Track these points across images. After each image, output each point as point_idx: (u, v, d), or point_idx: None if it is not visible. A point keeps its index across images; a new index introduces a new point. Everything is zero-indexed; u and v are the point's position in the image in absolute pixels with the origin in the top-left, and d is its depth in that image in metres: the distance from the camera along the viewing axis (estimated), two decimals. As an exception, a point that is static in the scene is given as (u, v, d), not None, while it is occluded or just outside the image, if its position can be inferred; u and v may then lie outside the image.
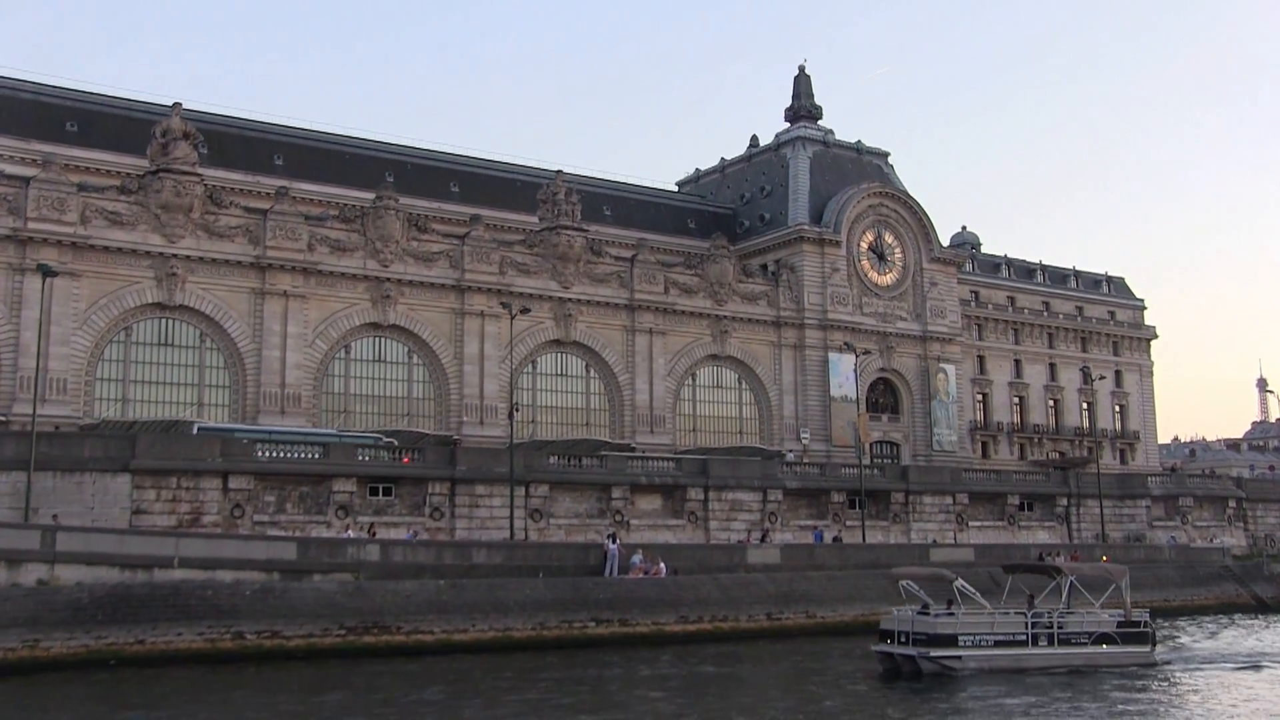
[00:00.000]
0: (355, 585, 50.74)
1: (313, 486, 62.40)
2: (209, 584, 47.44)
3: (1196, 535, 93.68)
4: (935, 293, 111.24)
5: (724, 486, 74.16)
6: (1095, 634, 45.96)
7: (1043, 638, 44.94)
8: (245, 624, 46.23)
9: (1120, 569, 49.40)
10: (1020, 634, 44.74)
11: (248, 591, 47.70)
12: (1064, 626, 45.56)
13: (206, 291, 77.36)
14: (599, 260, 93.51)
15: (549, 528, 68.36)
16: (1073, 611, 47.08)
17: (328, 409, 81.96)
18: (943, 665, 42.93)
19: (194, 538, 50.65)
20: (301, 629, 47.29)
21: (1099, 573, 49.85)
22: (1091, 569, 50.88)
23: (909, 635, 43.82)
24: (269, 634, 46.40)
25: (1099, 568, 51.30)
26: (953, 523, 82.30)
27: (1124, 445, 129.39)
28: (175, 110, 77.92)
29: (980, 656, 43.56)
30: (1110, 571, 49.56)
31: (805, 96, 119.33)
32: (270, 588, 48.61)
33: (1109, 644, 45.99)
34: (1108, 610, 47.77)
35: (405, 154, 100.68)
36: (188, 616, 45.36)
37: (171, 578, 47.16)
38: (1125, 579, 48.03)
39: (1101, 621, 46.60)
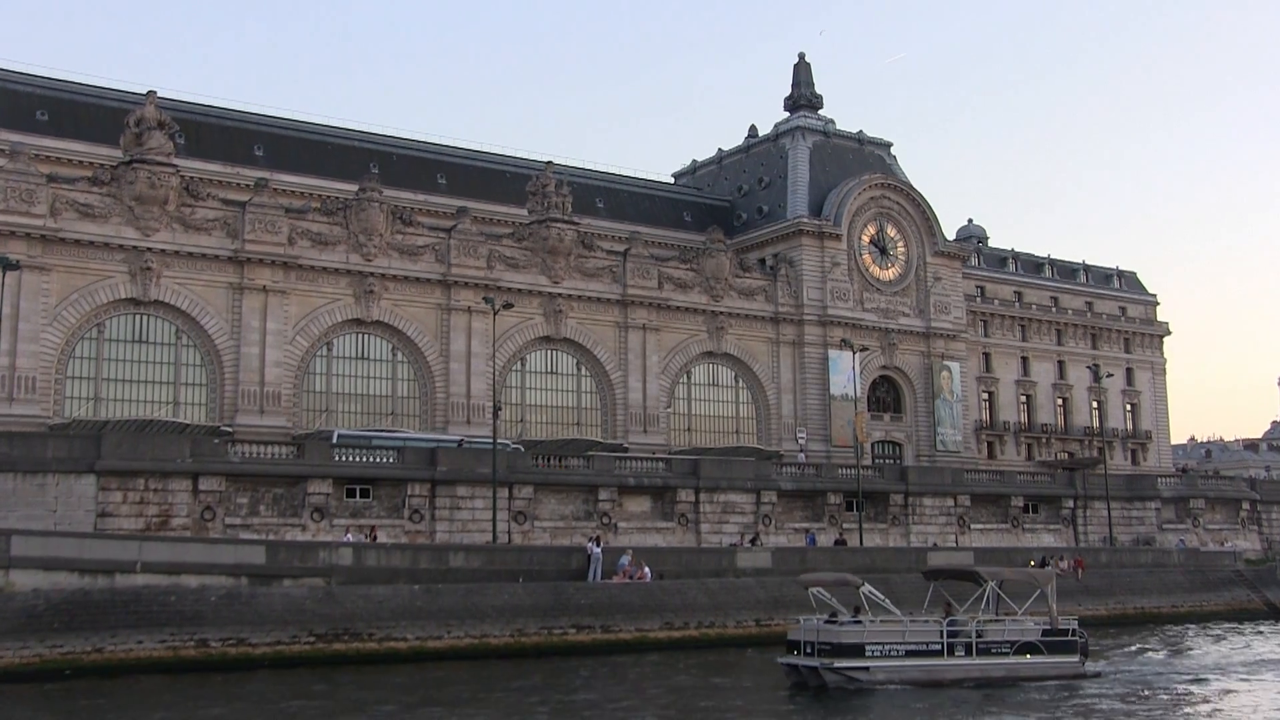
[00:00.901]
0: (326, 590, 50.30)
1: (287, 488, 61.94)
2: (173, 589, 46.97)
3: (1208, 539, 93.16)
4: (939, 288, 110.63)
5: (715, 488, 73.63)
6: (1018, 644, 44.08)
7: (959, 648, 43.12)
8: (210, 631, 45.78)
9: (1046, 574, 48.06)
10: (935, 643, 42.97)
11: (213, 597, 47.26)
12: (983, 635, 43.69)
13: (183, 287, 76.87)
14: (590, 254, 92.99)
15: (533, 531, 67.86)
16: (994, 620, 45.19)
17: (309, 408, 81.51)
18: (848, 677, 41.20)
19: (158, 541, 50.18)
20: (269, 636, 46.86)
21: (1025, 578, 48.23)
22: (1015, 574, 49.20)
23: (814, 645, 42.14)
24: (234, 641, 45.95)
25: (1024, 573, 49.55)
26: (954, 525, 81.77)
27: (1135, 445, 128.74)
28: (150, 99, 77.39)
29: (890, 668, 41.79)
30: (1036, 577, 47.91)
31: (805, 85, 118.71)
32: (237, 593, 48.17)
33: (1033, 654, 44.08)
34: (1034, 618, 46.03)
35: (390, 144, 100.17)
36: (149, 623, 44.89)
37: (134, 583, 46.66)
38: (1052, 585, 46.44)
39: (1025, 630, 44.71)
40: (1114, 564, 75.80)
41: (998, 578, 47.12)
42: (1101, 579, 72.20)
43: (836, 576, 47.27)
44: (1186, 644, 60.42)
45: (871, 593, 44.10)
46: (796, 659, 42.31)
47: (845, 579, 46.02)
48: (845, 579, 46.02)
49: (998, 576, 47.25)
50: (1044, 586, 46.40)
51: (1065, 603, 67.06)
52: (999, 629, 44.38)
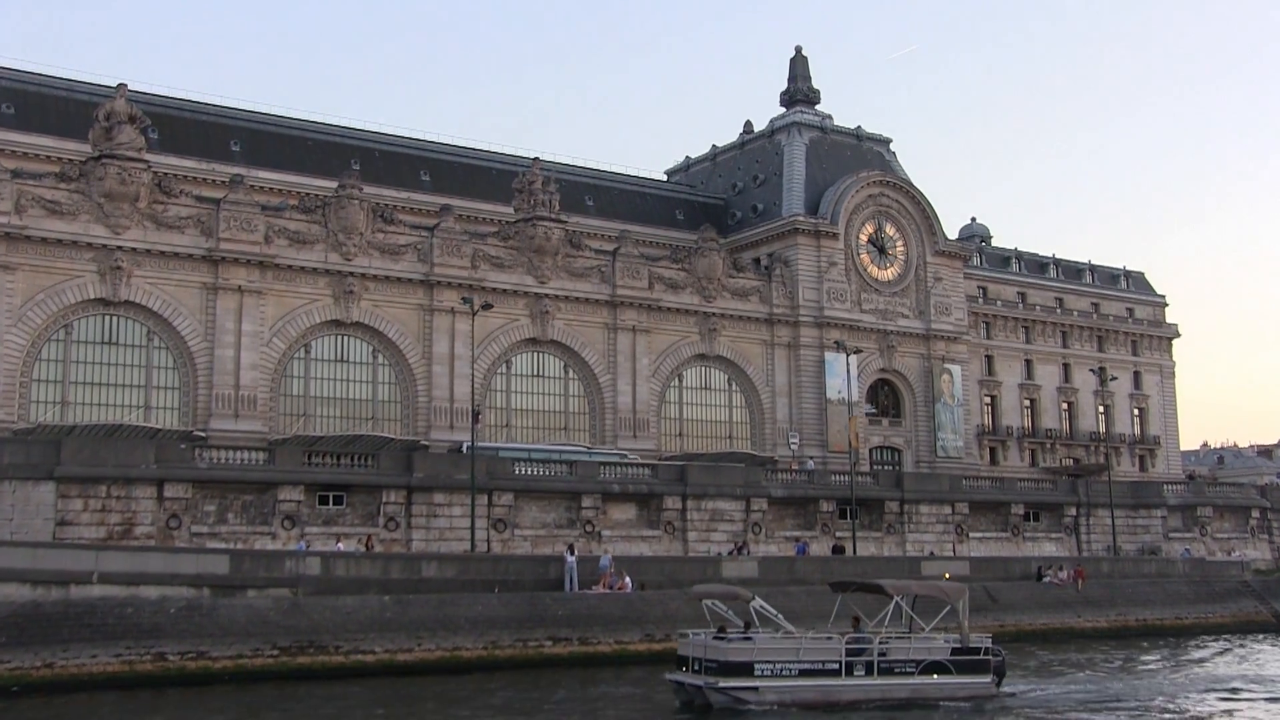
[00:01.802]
0: (291, 601, 49.78)
1: (256, 495, 61.39)
2: (130, 601, 46.43)
3: (1216, 548, 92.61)
4: (940, 288, 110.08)
5: (703, 495, 73.05)
6: (924, 663, 41.95)
7: (859, 667, 40.99)
8: (168, 644, 45.23)
9: (957, 588, 45.65)
10: (832, 662, 40.87)
11: (172, 609, 46.70)
12: (886, 654, 41.53)
13: (154, 286, 76.30)
14: (578, 254, 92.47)
15: (513, 539, 67.29)
16: (899, 636, 43.12)
17: (286, 412, 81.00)
18: (734, 697, 39.38)
19: (116, 551, 49.63)
20: (230, 649, 46.32)
21: (933, 592, 45.85)
22: (923, 588, 46.74)
23: (701, 663, 40.37)
24: (194, 655, 45.40)
25: (932, 586, 47.17)
26: (952, 534, 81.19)
27: (1143, 451, 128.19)
28: (120, 92, 76.86)
29: (781, 688, 39.88)
30: (946, 591, 45.59)
31: (802, 80, 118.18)
32: (197, 604, 47.65)
33: (941, 674, 41.92)
34: (946, 635, 44.00)
35: (372, 140, 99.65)
36: (104, 637, 44.34)
37: (89, 595, 46.11)
38: (963, 599, 44.15)
39: (933, 648, 42.64)
40: (1115, 574, 75.25)
41: (904, 592, 45.05)
42: (1102, 589, 71.64)
43: (726, 589, 45.41)
44: (1164, 660, 59.29)
45: (763, 607, 42.16)
46: (684, 676, 40.65)
47: (735, 592, 44.21)
48: (735, 592, 44.21)
49: (904, 591, 45.25)
50: (955, 601, 44.05)
51: (1064, 613, 67.40)
52: (904, 647, 42.30)
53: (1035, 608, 66.98)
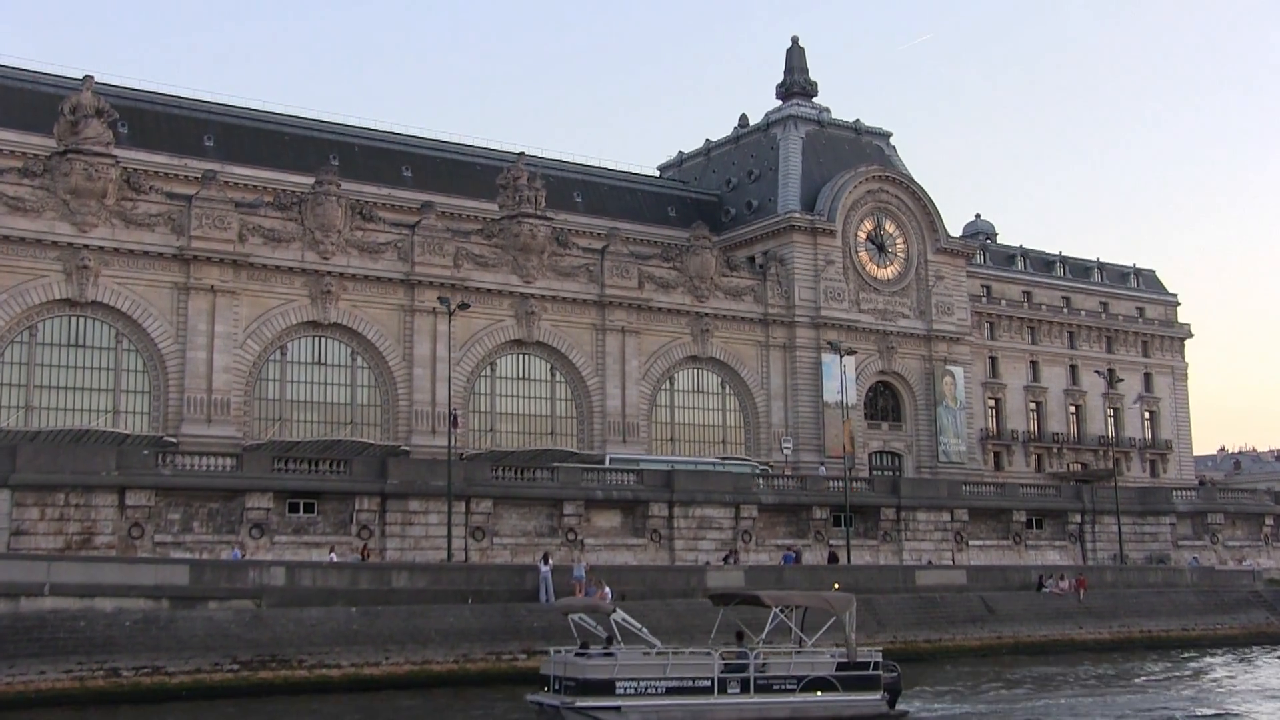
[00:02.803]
0: (254, 614, 49.28)
1: (223, 502, 60.93)
2: (84, 614, 45.91)
3: (1228, 556, 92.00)
4: (941, 287, 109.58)
5: (691, 502, 72.48)
6: (806, 679, 40.03)
7: (734, 684, 39.13)
8: (122, 659, 44.69)
9: (843, 599, 43.33)
10: (703, 679, 38.97)
11: (127, 622, 46.19)
12: (766, 669, 39.72)
13: (123, 286, 75.87)
14: (565, 252, 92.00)
15: (492, 548, 66.78)
16: (780, 651, 41.25)
17: (260, 416, 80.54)
18: (593, 718, 37.78)
19: (70, 561, 49.15)
20: (188, 664, 45.81)
21: (817, 603, 43.61)
22: (805, 599, 44.63)
23: (560, 681, 38.82)
24: (149, 670, 44.87)
25: (816, 597, 44.93)
26: (951, 542, 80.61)
27: (1154, 456, 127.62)
28: (86, 84, 76.44)
29: (645, 707, 38.13)
30: (831, 602, 43.36)
31: (799, 71, 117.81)
32: (154, 617, 47.12)
33: (825, 691, 40.01)
34: (831, 650, 41.85)
35: (352, 135, 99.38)
36: (55, 652, 43.81)
37: (40, 608, 45.57)
38: (850, 611, 41.99)
39: (818, 664, 40.61)
40: (1120, 583, 74.60)
41: (784, 603, 43.04)
42: (1105, 599, 71.03)
43: (587, 602, 43.92)
44: (1148, 675, 58.25)
45: (625, 620, 40.50)
46: (544, 697, 39.07)
47: (596, 605, 42.48)
48: (596, 605, 42.48)
49: (784, 602, 43.36)
50: (841, 613, 41.94)
51: (1064, 625, 66.81)
52: (784, 662, 40.45)
53: (1034, 619, 66.41)
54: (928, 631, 61.97)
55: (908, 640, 60.74)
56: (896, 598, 63.71)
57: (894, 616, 61.79)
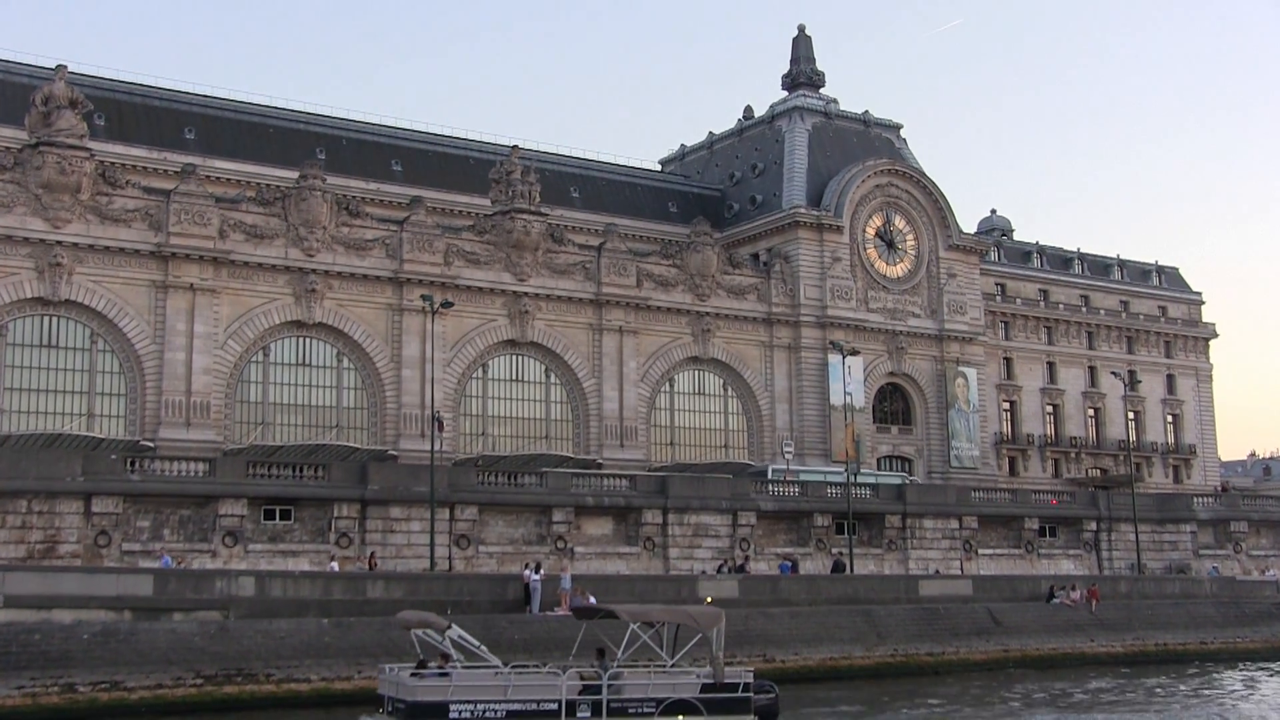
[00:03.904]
0: (220, 625, 48.66)
1: (195, 509, 60.42)
2: (40, 627, 45.24)
3: (1252, 566, 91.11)
4: (954, 285, 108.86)
5: (686, 508, 71.84)
6: (667, 701, 37.93)
7: (584, 706, 37.33)
8: (79, 674, 44.04)
9: (711, 614, 40.87)
10: (549, 701, 37.12)
11: (86, 635, 45.55)
12: (621, 691, 37.74)
13: (98, 285, 75.46)
14: (561, 249, 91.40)
15: (478, 556, 66.22)
16: (638, 671, 39.39)
17: (242, 420, 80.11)
18: None
19: (26, 572, 48.56)
20: (149, 678, 45.15)
21: (680, 618, 41.08)
22: (667, 613, 42.15)
23: (392, 703, 37.26)
24: (107, 685, 44.20)
25: (680, 612, 42.38)
26: (959, 550, 79.88)
27: (1177, 461, 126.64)
28: (59, 74, 76.08)
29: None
30: (696, 617, 40.81)
31: (805, 61, 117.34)
32: (114, 630, 46.49)
33: (688, 714, 38.08)
34: (698, 670, 40.02)
35: (339, 127, 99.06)
36: (7, 667, 43.08)
37: (-8, 620, 45.00)
38: (718, 628, 39.61)
39: (680, 685, 38.55)
40: (1135, 594, 73.66)
41: (642, 618, 40.95)
42: (1119, 611, 70.12)
43: (421, 616, 41.36)
44: (1159, 691, 56.99)
45: (462, 637, 38.83)
46: (377, 718, 37.54)
47: (427, 618, 40.13)
48: (427, 618, 40.13)
49: (642, 616, 41.01)
50: (708, 630, 39.69)
51: (1074, 637, 65.93)
52: (642, 683, 38.37)
53: (1043, 631, 65.49)
54: (930, 644, 61.10)
55: (909, 653, 60.04)
56: (898, 609, 62.92)
57: (894, 628, 61.01)
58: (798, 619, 59.26)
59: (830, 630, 58.92)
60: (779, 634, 57.77)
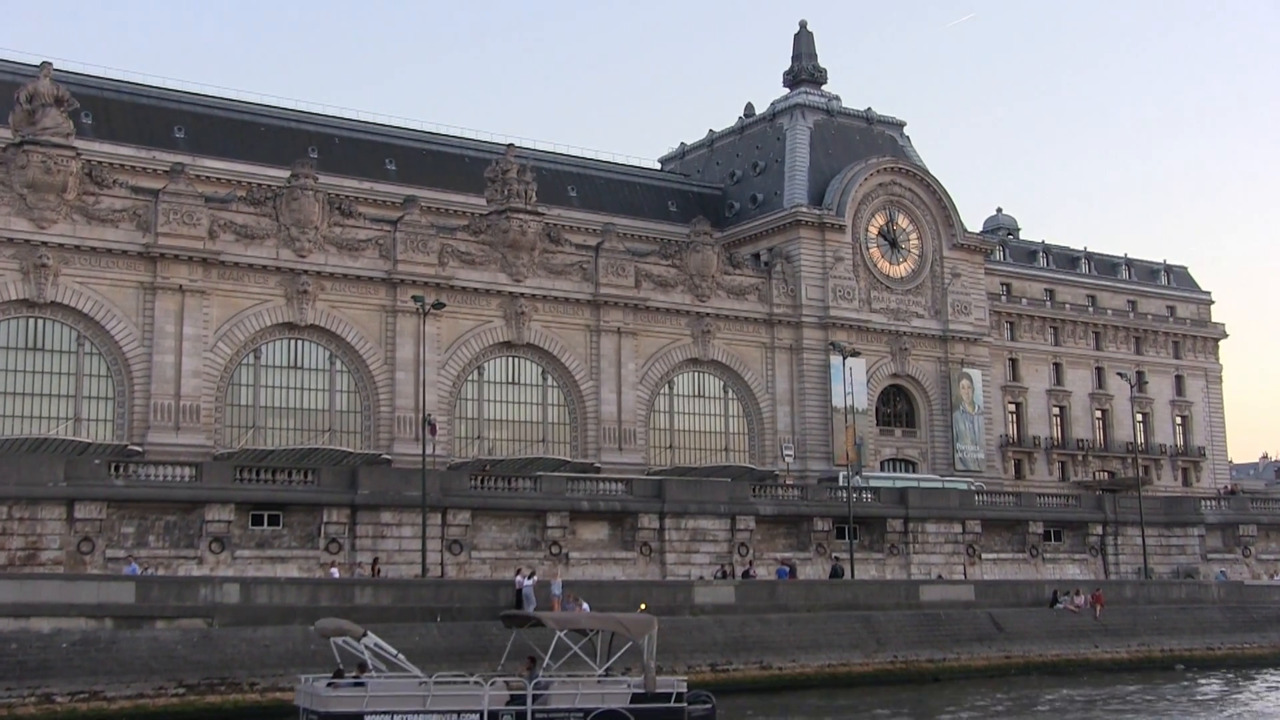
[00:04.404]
0: (203, 634, 48.38)
1: (181, 515, 59.98)
2: (17, 636, 44.97)
3: (1262, 570, 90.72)
4: (958, 285, 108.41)
5: (683, 513, 71.44)
6: (595, 713, 37.87)
7: (508, 716, 37.07)
8: (57, 684, 43.74)
9: (642, 621, 40.80)
10: (471, 712, 37.03)
11: (65, 644, 45.28)
12: (548, 702, 37.48)
13: (84, 286, 75.08)
14: (557, 249, 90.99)
15: (470, 562, 65.86)
16: (565, 681, 39.06)
17: (233, 424, 79.76)
18: None
19: (2, 579, 48.19)
20: (129, 688, 44.89)
21: (610, 626, 40.63)
22: (595, 620, 41.94)
23: (307, 714, 36.80)
24: (86, 695, 43.90)
25: (609, 620, 41.89)
26: (962, 555, 79.46)
27: (1187, 464, 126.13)
28: (44, 71, 75.68)
29: None
30: (627, 625, 40.54)
31: (807, 58, 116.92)
32: (94, 638, 46.21)
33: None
34: (629, 679, 39.78)
35: (332, 125, 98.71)
36: (-16, 676, 42.85)
37: (-32, 629, 44.67)
38: (650, 635, 39.47)
39: (609, 695, 38.40)
40: (1140, 599, 73.23)
41: (569, 625, 40.85)
42: (1124, 617, 69.72)
43: (337, 624, 40.20)
44: (1163, 697, 56.55)
45: (378, 645, 38.41)
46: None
47: (344, 626, 39.45)
48: (344, 626, 39.45)
49: (569, 624, 41.02)
50: (638, 637, 39.45)
51: (1078, 643, 65.49)
52: (569, 693, 38.16)
53: (1046, 637, 65.13)
54: (930, 650, 60.77)
55: (909, 660, 59.77)
56: (898, 614, 62.57)
57: (894, 635, 60.66)
58: (795, 625, 58.90)
59: (829, 636, 58.61)
60: (776, 640, 57.46)
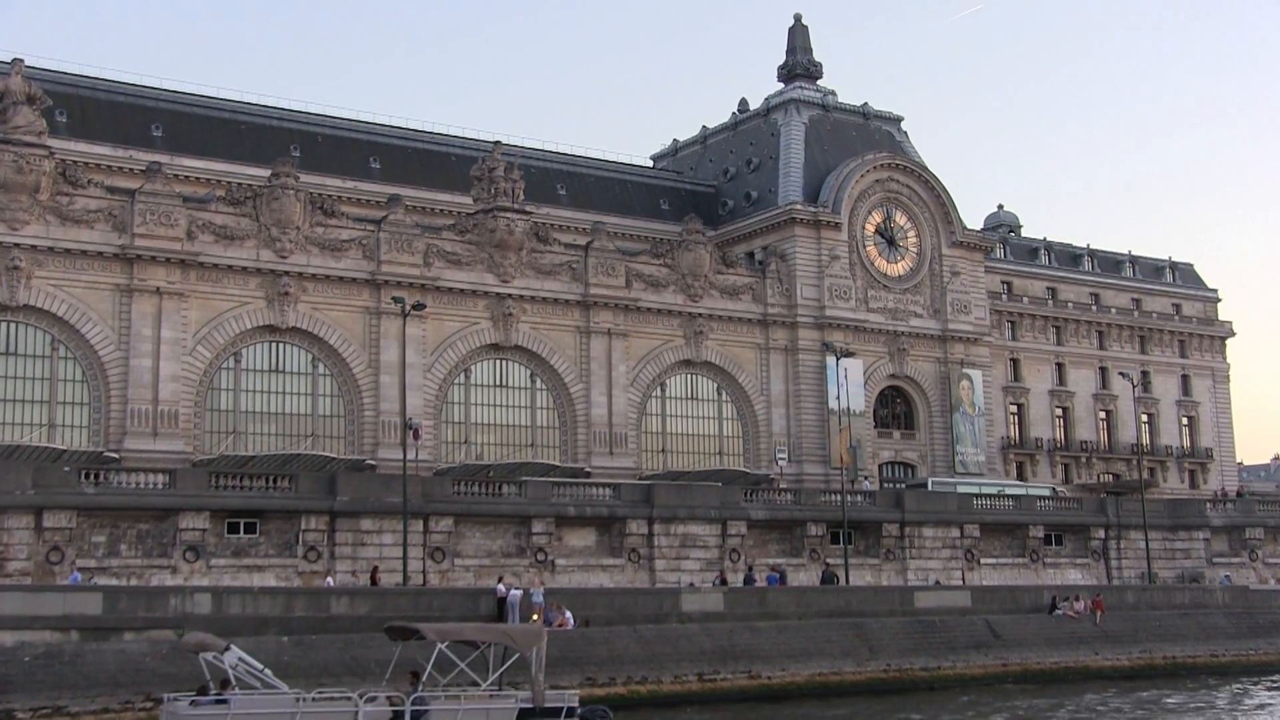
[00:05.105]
0: (172, 645, 47.66)
1: (154, 523, 59.65)
2: (-21, 649, 44.49)
3: (1269, 575, 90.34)
4: (958, 284, 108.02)
5: (673, 518, 71.11)
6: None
7: None
8: (19, 699, 43.22)
9: (530, 632, 40.14)
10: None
11: (27, 658, 44.76)
12: (426, 717, 36.39)
13: (58, 289, 74.62)
14: (546, 248, 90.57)
15: (453, 570, 65.46)
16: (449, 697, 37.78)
17: (212, 429, 79.30)
18: None
19: (-37, 591, 47.74)
20: (95, 702, 44.39)
21: (495, 637, 39.87)
22: (479, 632, 40.85)
23: None
24: (49, 710, 43.40)
25: (493, 631, 41.11)
26: (960, 560, 79.05)
27: (1193, 466, 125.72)
28: (16, 68, 75.38)
29: None
30: (513, 636, 39.70)
31: (802, 52, 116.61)
32: (59, 651, 45.73)
33: None
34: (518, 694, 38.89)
35: (314, 123, 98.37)
36: (-58, 692, 42.39)
37: (-76, 644, 44.20)
38: (538, 647, 38.53)
39: (494, 711, 37.39)
40: (1142, 604, 72.84)
41: (450, 637, 39.50)
42: (1125, 623, 69.32)
43: (199, 638, 38.49)
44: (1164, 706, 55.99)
45: (243, 660, 36.95)
46: None
47: (205, 640, 37.80)
48: (205, 640, 37.80)
49: (450, 635, 39.66)
50: (526, 649, 38.59)
51: (1077, 650, 65.03)
52: (450, 709, 36.89)
53: (1045, 644, 64.71)
54: (925, 658, 60.32)
55: (902, 668, 59.33)
56: (892, 621, 62.18)
57: (888, 642, 60.22)
58: (785, 633, 58.49)
59: (820, 644, 58.18)
60: (765, 649, 57.06)
